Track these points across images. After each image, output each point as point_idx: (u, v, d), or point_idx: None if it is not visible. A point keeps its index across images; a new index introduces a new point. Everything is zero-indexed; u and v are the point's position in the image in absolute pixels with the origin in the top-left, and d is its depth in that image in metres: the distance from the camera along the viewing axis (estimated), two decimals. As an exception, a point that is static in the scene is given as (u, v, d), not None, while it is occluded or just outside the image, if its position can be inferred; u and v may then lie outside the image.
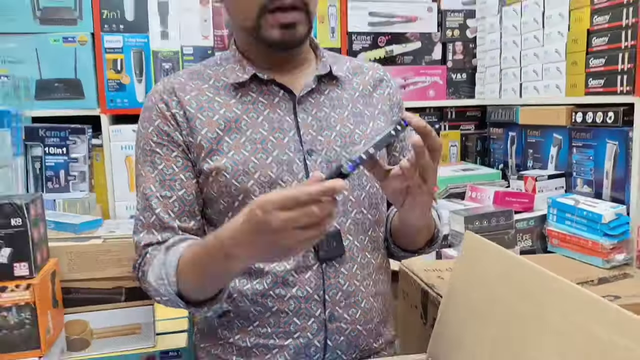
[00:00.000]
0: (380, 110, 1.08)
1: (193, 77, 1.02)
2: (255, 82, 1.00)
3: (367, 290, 1.03)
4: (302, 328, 0.98)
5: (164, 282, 0.90)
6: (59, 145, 1.83)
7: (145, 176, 0.99)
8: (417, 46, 2.26)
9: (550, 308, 0.78)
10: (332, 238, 0.98)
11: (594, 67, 1.62)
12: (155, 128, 0.98)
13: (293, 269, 0.97)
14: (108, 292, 1.19)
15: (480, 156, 2.33)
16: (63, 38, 1.88)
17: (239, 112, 0.98)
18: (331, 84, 1.05)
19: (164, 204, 0.98)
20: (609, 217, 1.48)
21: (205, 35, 2.00)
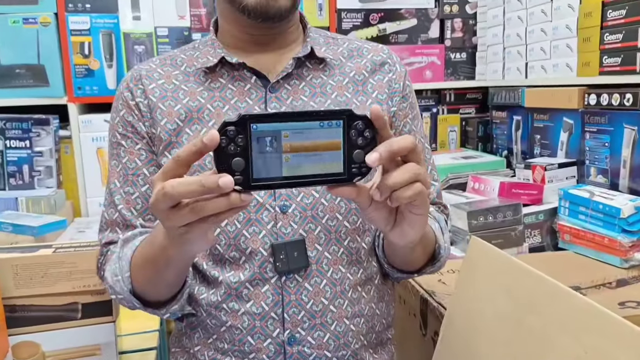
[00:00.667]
0: (374, 99, 0.94)
1: (166, 62, 0.96)
2: (226, 66, 0.92)
3: (340, 311, 0.91)
4: (256, 349, 0.90)
5: (118, 278, 0.84)
6: (22, 138, 1.73)
7: (112, 170, 0.95)
8: (413, 23, 2.17)
9: (560, 327, 0.70)
10: (294, 247, 0.87)
11: (609, 43, 1.51)
12: (120, 118, 0.93)
13: (247, 281, 0.88)
14: (61, 309, 1.07)
15: (482, 142, 2.24)
16: (23, 19, 1.76)
17: (204, 101, 0.90)
18: (316, 68, 0.94)
19: (126, 201, 0.92)
20: (628, 211, 1.37)
21: (182, 15, 1.90)
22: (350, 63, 0.96)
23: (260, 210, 0.87)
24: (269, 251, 0.87)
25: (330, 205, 0.89)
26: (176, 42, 1.87)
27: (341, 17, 2.09)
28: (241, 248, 0.88)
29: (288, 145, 0.59)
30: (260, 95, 0.90)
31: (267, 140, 0.59)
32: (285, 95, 0.91)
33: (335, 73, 0.95)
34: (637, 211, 1.38)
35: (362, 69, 0.95)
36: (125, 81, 0.95)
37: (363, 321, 0.93)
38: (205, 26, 1.91)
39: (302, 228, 0.88)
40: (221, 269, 0.90)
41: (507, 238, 1.51)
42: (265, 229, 0.87)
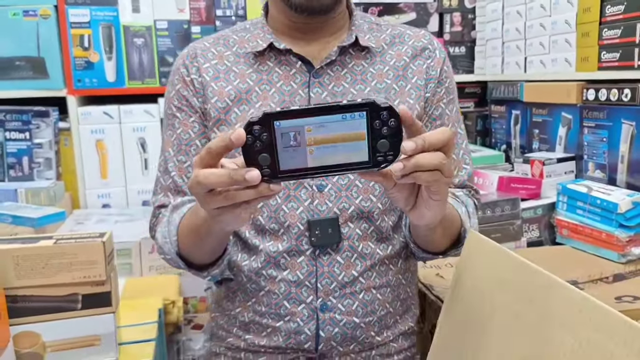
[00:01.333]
0: (413, 84, 0.99)
1: (219, 42, 1.03)
2: (274, 51, 0.98)
3: (369, 282, 0.99)
4: (291, 313, 0.98)
5: (166, 240, 0.94)
6: (22, 130, 1.74)
7: (166, 140, 1.03)
8: (412, 17, 2.17)
9: (556, 320, 0.71)
10: (328, 224, 0.95)
11: (608, 38, 1.52)
12: (176, 92, 1.01)
13: (285, 251, 0.97)
14: (62, 300, 1.07)
15: (481, 136, 2.25)
16: (23, 11, 1.77)
17: (252, 84, 0.98)
18: (359, 56, 0.99)
19: (179, 168, 1.01)
20: (626, 206, 1.38)
21: (181, 8, 1.91)
22: (392, 50, 1.00)
23: (299, 188, 0.95)
24: (305, 226, 0.95)
25: (365, 187, 0.96)
26: (175, 35, 1.88)
27: None
28: (280, 221, 0.95)
29: (312, 138, 0.62)
30: (304, 79, 0.96)
31: (290, 135, 0.62)
32: (327, 81, 0.96)
33: (376, 61, 0.99)
34: (634, 206, 1.38)
35: (403, 55, 1.00)
36: (182, 57, 1.02)
37: (389, 290, 1.01)
38: (204, 19, 1.92)
39: (336, 206, 0.95)
40: (262, 239, 0.98)
41: (505, 232, 1.52)
42: (302, 205, 0.95)
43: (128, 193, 1.88)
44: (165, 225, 0.96)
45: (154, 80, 1.89)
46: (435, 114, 1.00)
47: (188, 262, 0.96)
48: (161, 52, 1.89)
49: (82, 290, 1.07)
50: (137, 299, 1.35)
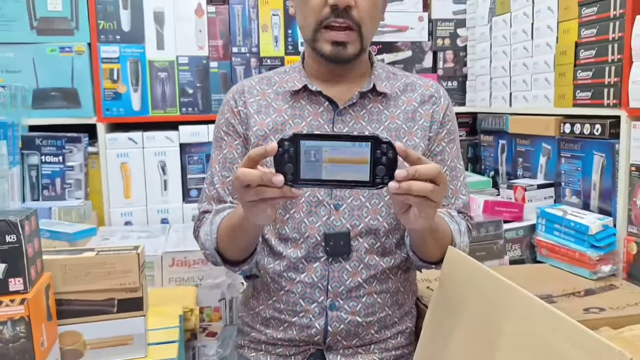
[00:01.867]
0: (420, 125, 1.16)
1: (262, 82, 1.21)
2: (307, 91, 1.15)
3: (371, 288, 1.14)
4: (305, 310, 1.14)
5: (208, 237, 1.13)
6: (56, 154, 1.86)
7: (214, 158, 1.21)
8: (408, 55, 2.29)
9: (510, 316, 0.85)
10: (341, 237, 1.11)
11: (581, 79, 1.65)
12: (225, 120, 1.20)
13: (303, 257, 1.13)
14: (100, 304, 1.20)
15: (472, 163, 2.37)
16: (60, 48, 1.90)
17: (287, 117, 1.15)
18: (376, 99, 1.16)
19: (222, 182, 1.19)
20: (596, 228, 1.51)
21: (201, 45, 2.03)
22: (404, 96, 1.17)
23: (319, 206, 1.11)
24: (321, 237, 1.11)
25: (373, 209, 1.12)
26: (195, 69, 2.01)
27: None
28: (301, 232, 1.12)
29: (327, 157, 0.80)
30: (329, 117, 1.14)
31: (311, 152, 0.80)
32: (348, 119, 1.13)
33: (390, 105, 1.16)
34: (604, 229, 1.52)
35: (413, 101, 1.17)
36: (232, 92, 1.22)
37: (389, 296, 1.17)
38: (222, 56, 2.04)
39: (349, 223, 1.11)
40: (285, 246, 1.14)
41: (489, 251, 1.67)
42: (321, 220, 1.12)
43: (148, 212, 2.01)
44: (208, 225, 1.14)
45: (175, 109, 2.02)
46: (436, 150, 1.17)
47: (224, 258, 1.13)
48: (182, 84, 2.01)
49: (118, 295, 1.20)
50: (159, 306, 1.47)
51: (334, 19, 1.05)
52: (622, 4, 1.47)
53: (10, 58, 1.87)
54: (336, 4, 1.04)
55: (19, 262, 0.99)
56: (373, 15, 1.10)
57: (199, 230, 1.20)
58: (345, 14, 1.05)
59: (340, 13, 1.05)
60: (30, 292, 1.02)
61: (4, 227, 0.97)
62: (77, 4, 1.89)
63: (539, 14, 1.81)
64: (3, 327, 1.00)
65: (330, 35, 1.06)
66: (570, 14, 1.67)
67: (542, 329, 0.80)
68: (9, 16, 1.84)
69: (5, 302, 0.99)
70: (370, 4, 1.08)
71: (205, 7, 2.02)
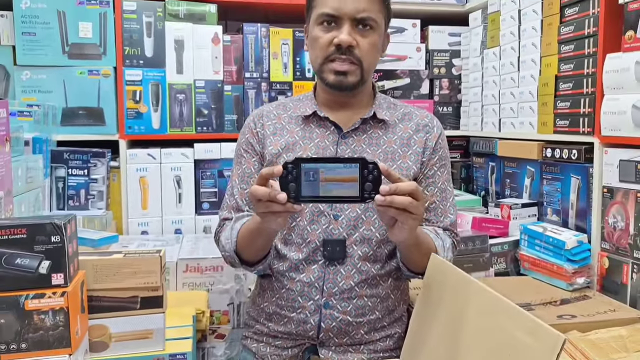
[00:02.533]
0: (414, 151, 1.31)
1: (279, 107, 1.38)
2: (316, 116, 1.31)
3: (362, 291, 1.26)
4: (302, 306, 1.27)
5: (229, 241, 1.27)
6: (81, 167, 1.99)
7: (234, 172, 1.37)
8: (407, 82, 2.42)
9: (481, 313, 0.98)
10: (337, 244, 1.25)
11: (561, 109, 1.78)
12: (245, 139, 1.36)
13: (304, 259, 1.26)
14: (125, 301, 1.32)
15: (465, 183, 2.48)
16: (88, 71, 2.04)
17: (298, 138, 1.31)
18: (377, 126, 1.31)
19: (240, 193, 1.34)
20: (571, 244, 1.64)
21: (216, 70, 2.16)
22: (401, 124, 1.33)
23: (321, 215, 1.26)
24: (320, 243, 1.25)
25: (368, 220, 1.26)
26: (210, 92, 2.13)
27: None
28: (304, 237, 1.26)
29: (324, 177, 0.96)
30: (334, 139, 1.29)
31: (310, 173, 0.95)
32: (351, 142, 1.29)
33: (389, 131, 1.31)
34: (579, 244, 1.65)
35: (409, 129, 1.32)
36: (252, 115, 1.38)
37: (378, 300, 1.28)
38: (235, 80, 2.17)
39: (345, 232, 1.25)
40: (288, 249, 1.28)
41: (476, 263, 1.80)
42: (321, 228, 1.26)
43: (163, 222, 2.12)
44: (229, 231, 1.29)
45: (191, 128, 2.13)
46: (428, 174, 1.32)
47: (241, 259, 1.28)
48: (198, 105, 2.13)
49: (141, 293, 1.31)
50: (175, 307, 1.56)
51: (338, 55, 1.22)
52: (595, 43, 1.63)
53: (43, 79, 2.02)
54: (340, 44, 1.21)
55: (62, 259, 1.13)
56: (373, 53, 1.26)
57: (219, 235, 1.35)
58: (347, 51, 1.22)
59: (344, 51, 1.22)
60: (70, 286, 1.15)
61: (50, 229, 1.12)
62: (105, 31, 2.04)
63: (524, 48, 1.96)
64: (45, 316, 1.13)
65: (334, 66, 1.23)
66: (552, 50, 1.82)
67: (505, 322, 0.93)
68: (43, 42, 2.00)
69: (48, 294, 1.13)
70: (370, 45, 1.25)
71: (221, 36, 2.15)
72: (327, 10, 1.23)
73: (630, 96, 1.48)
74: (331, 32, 1.23)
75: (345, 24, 1.22)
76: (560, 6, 1.78)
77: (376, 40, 1.26)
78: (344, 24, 1.22)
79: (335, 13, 1.22)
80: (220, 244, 1.34)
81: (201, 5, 2.16)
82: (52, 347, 1.14)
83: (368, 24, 1.24)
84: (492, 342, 0.95)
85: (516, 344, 0.89)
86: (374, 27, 1.25)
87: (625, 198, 1.53)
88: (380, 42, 1.29)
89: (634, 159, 1.50)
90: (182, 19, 2.13)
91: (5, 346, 1.10)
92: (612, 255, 1.59)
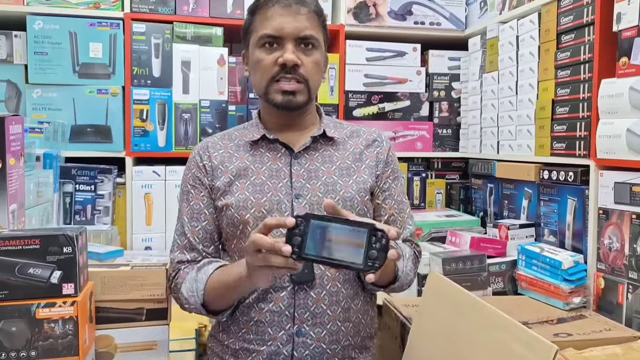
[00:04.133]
0: (367, 165, 1.31)
1: (224, 138, 1.34)
2: (265, 140, 1.28)
3: (335, 315, 1.21)
4: (273, 337, 1.20)
5: (194, 294, 1.21)
6: (88, 183, 2.04)
7: (182, 209, 1.31)
8: (407, 104, 2.47)
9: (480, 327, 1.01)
10: (305, 266, 1.16)
11: (557, 132, 1.82)
12: (191, 174, 1.31)
13: (271, 287, 1.20)
14: (131, 312, 1.35)
15: (464, 204, 2.51)
16: (97, 90, 2.10)
17: (249, 163, 1.27)
18: (327, 144, 1.30)
19: (192, 231, 1.28)
20: (568, 264, 1.67)
21: (221, 91, 2.22)
22: (351, 141, 1.33)
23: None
24: None
25: None
26: (215, 111, 2.19)
27: (348, 97, 2.37)
28: None
29: (330, 237, 0.91)
30: (287, 160, 1.26)
31: (318, 231, 0.91)
32: (304, 161, 1.26)
33: (339, 148, 1.30)
34: (575, 264, 1.68)
35: (359, 145, 1.33)
36: (197, 149, 1.33)
37: (351, 326, 1.23)
38: (239, 100, 2.23)
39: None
40: None
41: (474, 282, 1.82)
42: None
43: (167, 238, 2.15)
44: (192, 283, 1.21)
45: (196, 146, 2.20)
46: (384, 187, 1.32)
47: (207, 309, 1.22)
48: (203, 124, 2.19)
49: (147, 305, 1.35)
50: (178, 321, 1.58)
51: (284, 75, 1.20)
52: (590, 69, 1.68)
53: (53, 97, 2.08)
54: (285, 63, 1.20)
55: (73, 270, 1.16)
56: (317, 72, 1.26)
57: (176, 283, 1.27)
58: (292, 70, 1.20)
59: (289, 70, 1.20)
60: (80, 296, 1.18)
61: (62, 240, 1.16)
62: (115, 51, 2.11)
63: (522, 73, 2.01)
64: (55, 325, 1.16)
65: (281, 85, 1.21)
66: (549, 75, 1.87)
67: (502, 335, 0.97)
68: (55, 61, 2.06)
69: (59, 304, 1.16)
70: (314, 63, 1.24)
71: (226, 58, 2.22)
72: (269, 32, 1.21)
73: (625, 120, 1.53)
74: (273, 53, 1.22)
75: (288, 43, 1.21)
76: (557, 33, 1.83)
77: (319, 59, 1.26)
78: (286, 44, 1.21)
79: (276, 34, 1.21)
80: (181, 295, 1.25)
81: (208, 28, 2.22)
82: (61, 355, 1.17)
83: (310, 43, 1.23)
84: (490, 355, 0.99)
85: (512, 355, 0.93)
86: (316, 45, 1.24)
87: (620, 219, 1.56)
88: (322, 61, 1.28)
89: (628, 181, 1.54)
90: (189, 41, 2.19)
91: (16, 353, 1.13)
92: (607, 276, 1.61)
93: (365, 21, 2.37)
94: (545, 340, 0.85)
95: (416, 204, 2.51)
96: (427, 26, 2.43)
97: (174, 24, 2.17)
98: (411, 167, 2.52)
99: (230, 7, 2.24)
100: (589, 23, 1.69)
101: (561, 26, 1.82)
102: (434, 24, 2.43)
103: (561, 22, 1.82)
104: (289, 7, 1.22)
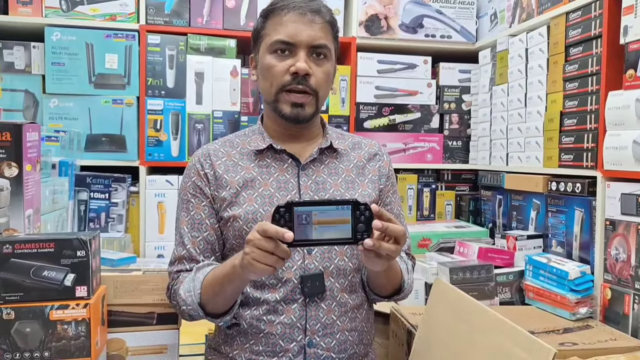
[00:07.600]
0: (370, 179, 1.32)
1: (225, 144, 1.30)
2: (271, 150, 1.26)
3: (343, 325, 1.23)
4: (285, 349, 1.19)
5: (191, 294, 1.18)
6: (103, 191, 2.09)
7: (182, 219, 1.27)
8: (417, 116, 2.50)
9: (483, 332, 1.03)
10: (316, 278, 1.19)
11: (565, 143, 1.84)
12: (192, 183, 1.26)
13: (282, 300, 1.19)
14: (143, 316, 1.38)
15: (473, 215, 2.52)
16: (112, 100, 2.15)
17: (255, 174, 1.25)
18: (332, 156, 1.30)
19: (192, 242, 1.25)
20: (574, 274, 1.68)
21: (234, 102, 2.26)
22: (354, 153, 1.33)
23: (294, 251, 1.18)
24: (298, 280, 1.19)
25: (340, 250, 1.24)
26: (228, 122, 2.22)
27: (359, 109, 2.40)
28: (278, 277, 1.20)
29: (316, 220, 0.96)
30: (294, 172, 1.26)
31: (303, 216, 0.96)
32: (311, 172, 1.26)
33: (344, 160, 1.30)
34: (582, 275, 1.68)
35: (362, 158, 1.33)
36: (197, 156, 1.29)
37: (356, 334, 1.25)
38: (252, 111, 2.26)
39: (321, 265, 1.21)
40: (262, 292, 1.21)
41: (481, 292, 1.82)
42: (296, 264, 1.20)
43: None
44: (189, 282, 1.19)
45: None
46: (386, 202, 1.34)
47: (205, 311, 1.19)
48: (216, 134, 2.21)
49: (158, 310, 1.38)
50: (188, 325, 1.62)
51: (295, 85, 1.19)
52: (598, 81, 1.70)
53: (69, 107, 2.13)
54: (297, 72, 1.19)
55: (86, 273, 1.19)
56: (327, 83, 1.25)
57: (174, 289, 1.25)
58: (304, 80, 1.19)
59: (300, 80, 1.19)
60: (92, 299, 1.21)
61: (76, 244, 1.19)
62: (130, 63, 2.16)
63: (531, 85, 2.03)
64: (68, 327, 1.19)
65: (290, 97, 1.20)
66: (557, 87, 1.88)
67: (504, 340, 0.99)
68: (72, 72, 2.11)
69: (72, 306, 1.19)
70: (325, 74, 1.23)
71: (239, 69, 2.26)
72: (282, 38, 1.20)
73: (631, 132, 1.54)
74: (285, 60, 1.20)
75: (301, 51, 1.19)
76: (565, 46, 1.85)
77: (330, 70, 1.25)
78: (299, 52, 1.19)
79: (290, 40, 1.19)
80: (178, 297, 1.22)
81: (221, 40, 2.27)
82: (73, 356, 1.19)
83: (322, 53, 1.22)
84: (491, 358, 1.01)
85: (512, 359, 0.94)
86: (327, 56, 1.23)
87: (627, 230, 1.57)
88: (332, 72, 1.28)
89: (635, 193, 1.54)
90: (203, 53, 2.23)
91: (30, 354, 1.16)
92: (614, 286, 1.62)
93: (377, 34, 2.40)
94: (543, 343, 0.87)
95: (426, 215, 2.52)
96: (437, 39, 2.46)
97: (188, 36, 2.22)
98: (421, 179, 2.53)
99: (243, 20, 2.28)
100: (597, 36, 1.71)
101: (569, 39, 1.84)
102: (445, 36, 2.46)
103: (569, 35, 1.84)
104: (304, 15, 1.20)
